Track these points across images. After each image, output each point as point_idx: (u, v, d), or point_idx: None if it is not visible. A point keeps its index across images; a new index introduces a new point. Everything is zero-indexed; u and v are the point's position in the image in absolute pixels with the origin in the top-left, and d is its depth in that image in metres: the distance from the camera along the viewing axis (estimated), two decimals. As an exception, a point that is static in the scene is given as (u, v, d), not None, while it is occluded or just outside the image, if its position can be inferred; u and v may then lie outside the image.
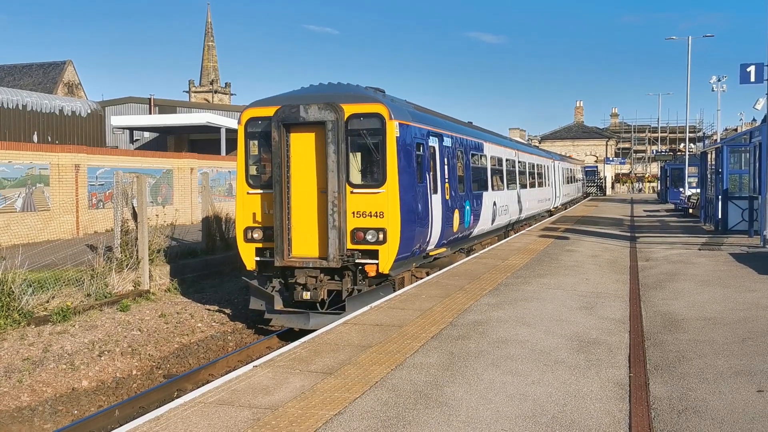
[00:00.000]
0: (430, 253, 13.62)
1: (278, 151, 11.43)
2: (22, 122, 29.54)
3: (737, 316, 8.97)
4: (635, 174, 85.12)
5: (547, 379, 6.30)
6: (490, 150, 19.55)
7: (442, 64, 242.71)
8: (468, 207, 16.13)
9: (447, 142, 14.67)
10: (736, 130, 68.64)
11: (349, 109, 11.32)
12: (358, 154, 11.63)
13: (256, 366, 6.83)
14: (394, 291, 11.50)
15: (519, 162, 24.18)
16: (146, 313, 12.94)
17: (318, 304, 11.72)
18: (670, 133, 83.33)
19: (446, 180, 14.25)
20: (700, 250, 16.99)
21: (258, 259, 12.05)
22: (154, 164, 27.79)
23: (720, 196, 21.70)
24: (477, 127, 20.75)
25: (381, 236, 11.24)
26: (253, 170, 12.26)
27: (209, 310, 13.94)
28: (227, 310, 14.05)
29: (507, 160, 21.96)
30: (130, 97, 46.11)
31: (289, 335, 11.88)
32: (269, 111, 11.68)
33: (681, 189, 40.22)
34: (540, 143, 78.62)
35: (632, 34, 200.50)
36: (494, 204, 19.18)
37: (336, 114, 11.17)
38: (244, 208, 12.17)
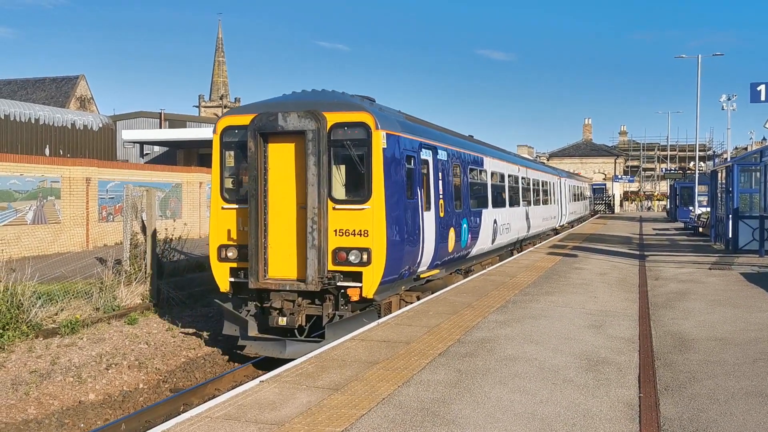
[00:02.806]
0: (422, 275, 12.49)
1: (254, 163, 10.52)
2: (35, 136, 29.81)
3: (748, 337, 8.88)
4: (644, 192, 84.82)
5: (555, 398, 6.25)
6: (491, 165, 18.63)
7: (452, 81, 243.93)
8: (465, 225, 15.13)
9: (442, 155, 13.68)
10: (746, 148, 68.39)
11: (332, 118, 10.43)
12: (342, 167, 10.69)
13: (262, 381, 6.81)
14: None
15: (523, 178, 23.31)
16: (153, 326, 12.95)
17: (296, 331, 10.78)
18: (679, 151, 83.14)
19: (440, 196, 13.30)
20: (710, 269, 16.87)
21: (232, 279, 11.02)
22: (163, 178, 27.97)
23: (730, 215, 21.57)
24: (478, 141, 19.89)
25: (365, 257, 10.26)
26: (228, 183, 11.33)
27: (217, 323, 13.93)
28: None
29: (509, 175, 21.04)
30: (140, 112, 46.49)
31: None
32: (246, 119, 10.75)
33: (691, 208, 40.03)
34: (548, 160, 78.57)
35: (641, 52, 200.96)
36: (495, 222, 18.24)
37: (317, 123, 10.28)
38: (218, 225, 11.16)
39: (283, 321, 10.51)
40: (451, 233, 13.94)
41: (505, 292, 12.54)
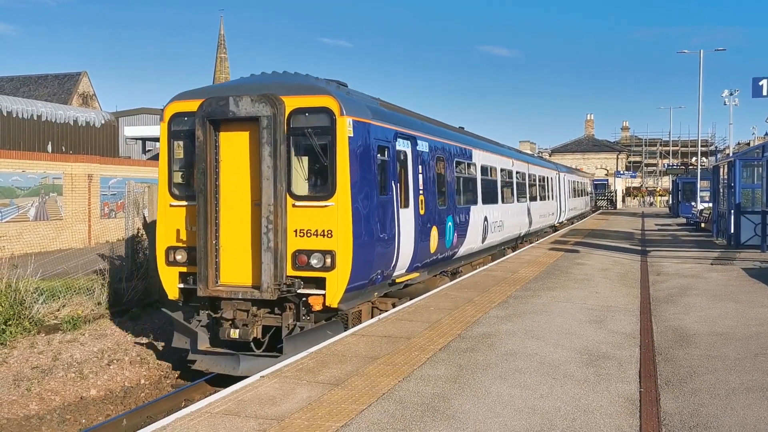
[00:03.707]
0: (398, 280, 11.27)
1: (203, 154, 9.39)
2: (37, 132, 29.83)
3: (750, 332, 8.87)
4: (646, 188, 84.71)
5: (556, 392, 6.24)
6: (481, 158, 17.29)
7: (455, 77, 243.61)
8: (451, 223, 13.92)
9: (423, 146, 12.49)
10: (748, 144, 68.25)
11: (291, 103, 9.34)
12: (304, 159, 9.61)
13: (263, 376, 6.82)
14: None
15: (518, 173, 21.98)
16: (156, 322, 12.98)
17: (253, 344, 9.68)
18: (681, 146, 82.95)
19: (421, 191, 12.11)
20: (712, 264, 16.84)
21: (182, 286, 9.82)
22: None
23: (732, 211, 21.52)
24: (468, 132, 18.54)
25: (328, 261, 9.15)
26: (177, 177, 10.17)
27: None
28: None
29: (502, 170, 19.72)
30: (142, 108, 46.52)
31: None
32: (196, 105, 9.61)
33: (693, 203, 39.95)
34: (550, 156, 78.43)
35: (644, 47, 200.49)
36: (485, 220, 16.97)
37: (273, 108, 9.14)
38: (165, 224, 10.01)
39: (235, 334, 9.38)
40: (434, 232, 12.80)
41: (506, 288, 12.54)
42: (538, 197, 26.12)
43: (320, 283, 9.26)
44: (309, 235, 9.29)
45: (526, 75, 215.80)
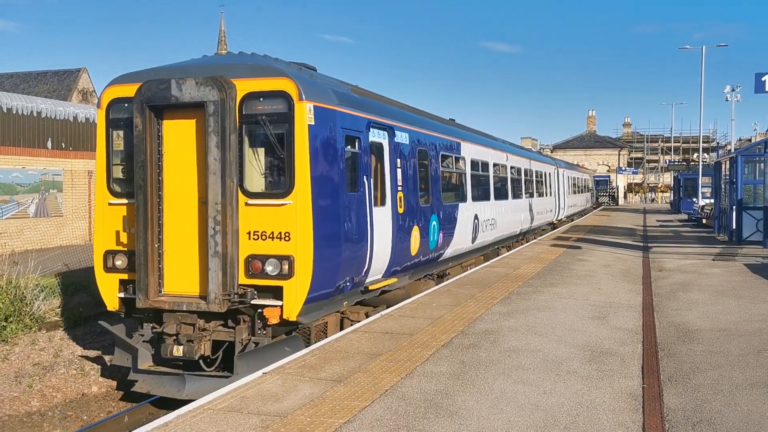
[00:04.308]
0: (371, 287, 10.09)
1: (143, 145, 8.32)
2: (37, 129, 29.79)
3: (752, 328, 8.85)
4: (648, 184, 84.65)
5: (558, 389, 6.23)
6: (471, 151, 16.06)
7: (456, 73, 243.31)
8: (435, 222, 12.79)
9: (402, 137, 11.30)
10: (750, 140, 68.16)
11: (243, 86, 8.26)
12: (260, 151, 8.53)
13: (265, 373, 6.80)
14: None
15: (512, 168, 20.79)
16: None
17: (201, 362, 8.50)
18: (683, 142, 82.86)
19: (399, 187, 10.97)
20: (714, 260, 16.82)
21: (123, 295, 8.70)
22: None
23: (734, 207, 21.50)
24: (458, 124, 17.27)
25: (286, 267, 8.06)
26: (117, 172, 9.00)
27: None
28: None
29: (495, 164, 18.46)
30: (143, 105, 46.44)
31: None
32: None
33: (694, 199, 39.89)
34: (552, 152, 78.39)
35: (646, 43, 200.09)
36: (475, 218, 15.80)
37: (221, 92, 8.06)
38: (104, 224, 8.91)
39: (178, 351, 8.24)
40: (415, 233, 11.67)
41: (508, 284, 12.52)
42: (536, 194, 25.03)
43: (277, 292, 8.17)
44: (264, 237, 8.20)
45: (527, 71, 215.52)
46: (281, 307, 8.11)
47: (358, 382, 6.42)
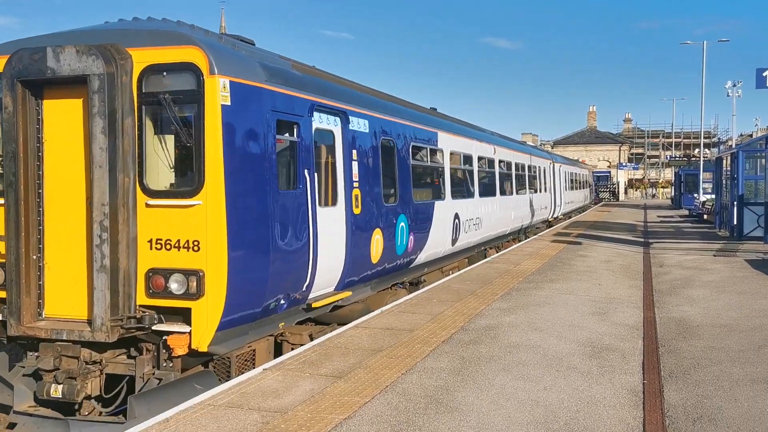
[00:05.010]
0: (316, 304, 8.47)
1: (13, 131, 6.73)
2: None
3: (753, 323, 8.85)
4: (649, 179, 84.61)
5: (559, 385, 6.23)
6: (450, 143, 14.46)
7: (456, 69, 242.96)
8: (404, 224, 11.21)
9: (360, 124, 9.75)
10: (751, 135, 68.08)
11: (143, 57, 6.67)
12: (167, 139, 6.94)
13: (266, 369, 6.81)
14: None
15: (501, 162, 19.19)
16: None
17: (96, 400, 7.02)
18: (684, 138, 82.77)
19: (355, 184, 9.43)
20: (714, 256, 16.81)
21: None
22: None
23: (735, 202, 21.49)
24: (437, 113, 15.54)
25: (194, 284, 6.52)
26: None
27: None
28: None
29: (481, 158, 16.84)
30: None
31: None
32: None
33: (695, 195, 39.87)
34: (552, 148, 78.32)
35: (647, 39, 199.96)
36: (456, 217, 14.33)
37: (109, 64, 6.47)
38: None
39: (57, 391, 6.62)
40: (377, 236, 10.12)
41: (509, 280, 12.52)
42: (528, 189, 23.48)
43: (187, 315, 6.61)
44: (169, 247, 6.63)
45: (528, 67, 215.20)
46: (189, 334, 6.58)
47: (359, 378, 6.43)
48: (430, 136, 13.26)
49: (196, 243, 6.55)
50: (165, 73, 6.67)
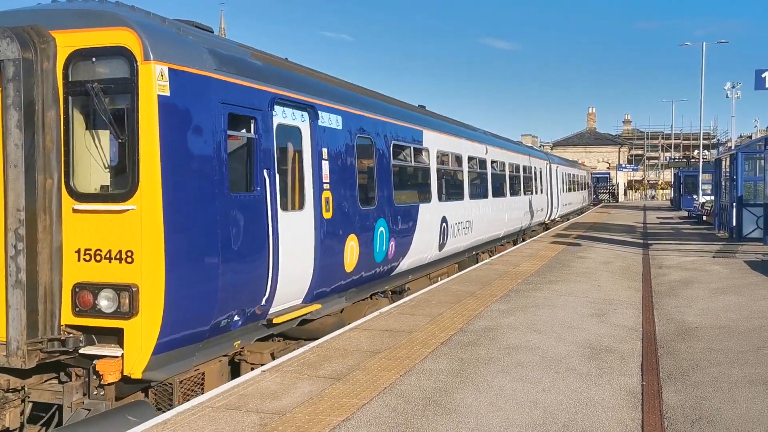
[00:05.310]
0: (277, 320, 7.65)
1: None
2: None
3: (752, 325, 8.84)
4: (648, 181, 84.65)
5: (557, 386, 6.23)
6: (438, 142, 13.60)
7: (455, 70, 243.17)
8: (384, 229, 10.45)
9: (331, 120, 8.96)
10: (750, 136, 68.12)
11: (68, 41, 5.97)
12: (98, 134, 6.24)
13: (264, 371, 6.80)
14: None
15: (494, 162, 18.33)
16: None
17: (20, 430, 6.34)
18: (683, 139, 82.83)
19: (326, 186, 8.62)
20: (714, 257, 16.81)
21: None
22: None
23: (734, 204, 21.49)
24: (424, 110, 14.64)
25: (126, 301, 5.80)
26: None
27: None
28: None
29: (471, 158, 15.99)
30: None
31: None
32: None
33: (695, 196, 39.89)
34: (552, 149, 78.36)
35: (646, 40, 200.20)
36: (444, 221, 13.47)
37: (27, 48, 5.81)
38: None
39: None
40: (352, 243, 9.33)
41: (508, 281, 12.52)
42: (524, 191, 22.66)
43: (117, 337, 5.92)
44: (99, 258, 5.90)
45: (527, 68, 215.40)
46: (121, 358, 5.85)
47: (357, 379, 6.42)
48: (415, 135, 12.39)
49: (129, 254, 5.83)
50: (94, 59, 5.95)
